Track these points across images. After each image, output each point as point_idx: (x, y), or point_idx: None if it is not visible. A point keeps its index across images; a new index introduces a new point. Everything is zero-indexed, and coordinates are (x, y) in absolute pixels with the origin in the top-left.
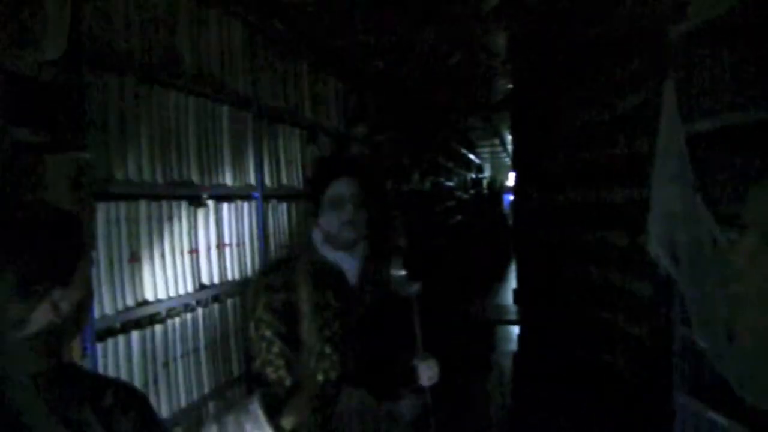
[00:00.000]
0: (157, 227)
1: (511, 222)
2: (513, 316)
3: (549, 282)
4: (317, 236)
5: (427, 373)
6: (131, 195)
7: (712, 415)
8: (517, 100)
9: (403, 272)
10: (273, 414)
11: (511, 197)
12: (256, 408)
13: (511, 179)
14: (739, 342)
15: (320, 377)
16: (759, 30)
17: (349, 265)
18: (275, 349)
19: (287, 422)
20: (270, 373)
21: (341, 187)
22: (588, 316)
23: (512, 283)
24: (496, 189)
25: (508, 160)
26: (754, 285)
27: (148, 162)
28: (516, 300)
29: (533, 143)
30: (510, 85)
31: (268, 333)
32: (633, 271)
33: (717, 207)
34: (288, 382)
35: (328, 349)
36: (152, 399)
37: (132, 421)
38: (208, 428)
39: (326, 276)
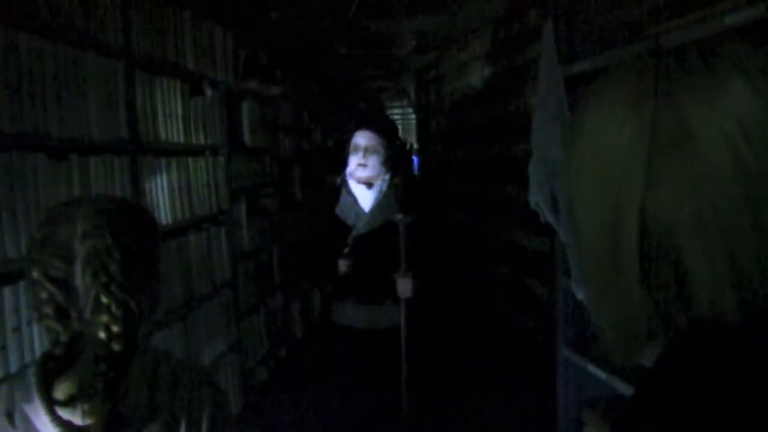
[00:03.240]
0: (7, 181)
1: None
2: None
3: (452, 239)
4: (347, 172)
5: (402, 287)
6: None
7: (592, 368)
8: (421, 57)
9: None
10: (52, 380)
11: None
12: (31, 373)
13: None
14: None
15: (101, 333)
16: None
17: (364, 196)
18: (44, 294)
19: (61, 391)
20: (42, 324)
21: (359, 137)
22: (492, 273)
23: None
24: (406, 150)
25: None
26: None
27: None
28: None
29: (436, 101)
30: (414, 42)
31: (36, 274)
32: (532, 226)
33: None
34: (63, 336)
35: (104, 299)
36: (12, 359)
37: None
38: None
39: (115, 215)
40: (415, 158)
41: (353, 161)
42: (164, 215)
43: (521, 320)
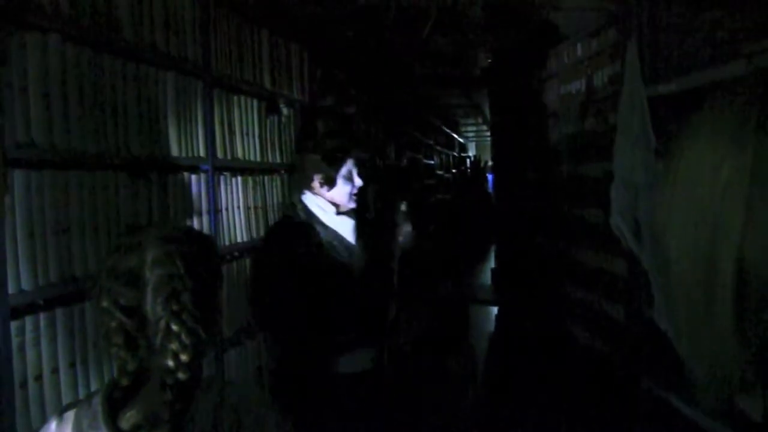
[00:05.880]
0: (90, 199)
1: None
2: (490, 296)
3: (526, 260)
4: (320, 202)
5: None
6: (59, 163)
7: (675, 401)
8: (495, 74)
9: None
10: (117, 409)
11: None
12: (97, 402)
13: None
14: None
15: (169, 361)
16: None
17: (348, 226)
18: (113, 323)
19: (126, 420)
20: (111, 353)
21: (351, 165)
22: (566, 295)
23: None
24: (480, 168)
25: None
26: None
27: (77, 128)
28: (494, 279)
29: (510, 119)
30: (489, 59)
31: (105, 303)
32: (608, 248)
33: None
34: (130, 365)
35: (175, 326)
36: (81, 379)
37: None
38: (48, 423)
39: (184, 243)
40: (489, 175)
41: (345, 192)
42: (240, 233)
43: (595, 344)
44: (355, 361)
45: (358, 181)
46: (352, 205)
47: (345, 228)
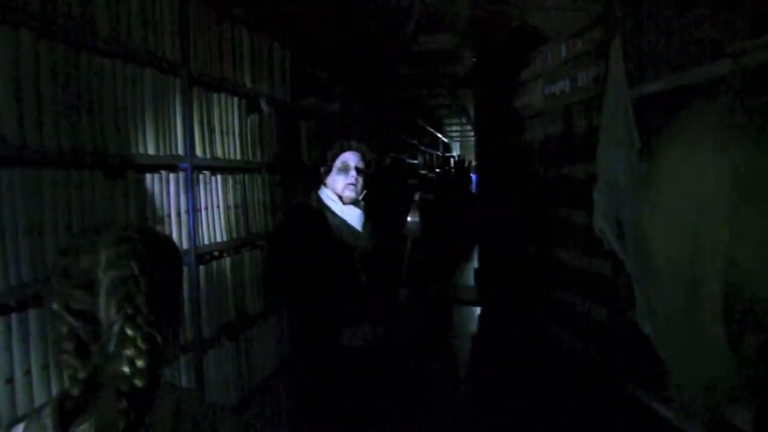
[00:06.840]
0: (65, 198)
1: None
2: (473, 296)
3: (509, 260)
4: (329, 193)
5: (412, 226)
6: (31, 161)
7: (656, 405)
8: (480, 74)
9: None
10: (69, 421)
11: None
12: (47, 415)
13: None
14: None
15: (125, 367)
16: None
17: (355, 215)
18: (64, 327)
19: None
20: (61, 360)
21: (349, 156)
22: (549, 296)
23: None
24: (464, 168)
25: None
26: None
27: (51, 126)
28: (477, 280)
29: (495, 119)
30: (473, 59)
31: (56, 306)
32: (592, 249)
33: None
34: (81, 374)
35: (130, 331)
36: (54, 383)
37: None
38: None
39: (140, 244)
40: (473, 176)
41: (341, 181)
42: (219, 232)
43: (577, 346)
44: (355, 336)
45: (353, 173)
46: (349, 194)
47: (352, 216)
